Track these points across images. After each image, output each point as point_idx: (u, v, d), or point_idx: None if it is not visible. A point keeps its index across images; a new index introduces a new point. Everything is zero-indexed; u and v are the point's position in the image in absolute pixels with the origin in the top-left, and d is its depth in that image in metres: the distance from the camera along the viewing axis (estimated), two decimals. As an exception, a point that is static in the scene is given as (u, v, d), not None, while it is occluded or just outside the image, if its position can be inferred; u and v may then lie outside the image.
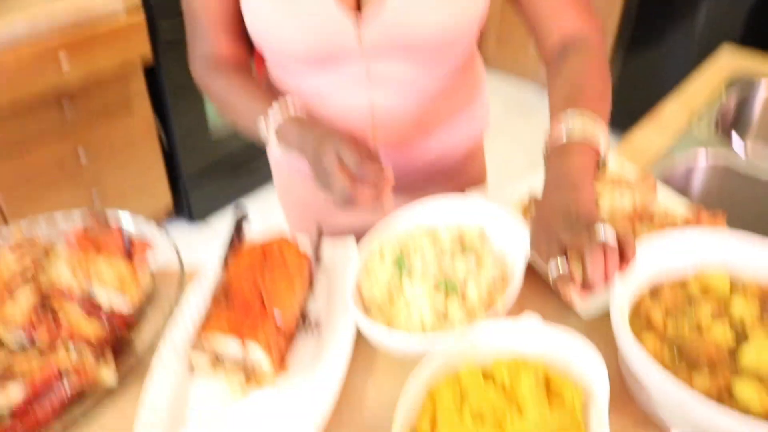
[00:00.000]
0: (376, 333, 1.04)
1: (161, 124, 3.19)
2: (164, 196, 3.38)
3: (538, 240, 1.01)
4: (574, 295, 1.16)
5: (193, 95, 3.17)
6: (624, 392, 1.07)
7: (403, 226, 1.25)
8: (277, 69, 1.35)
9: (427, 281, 1.11)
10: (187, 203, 3.47)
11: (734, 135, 1.93)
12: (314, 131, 1.15)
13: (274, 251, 1.16)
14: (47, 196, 2.84)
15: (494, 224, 1.23)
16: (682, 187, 1.71)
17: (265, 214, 3.60)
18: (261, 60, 1.42)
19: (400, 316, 1.08)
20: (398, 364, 1.10)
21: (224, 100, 1.32)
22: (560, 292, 1.19)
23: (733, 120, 2.03)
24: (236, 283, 1.10)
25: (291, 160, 1.49)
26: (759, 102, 2.03)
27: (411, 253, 1.18)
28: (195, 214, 3.51)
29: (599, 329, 1.17)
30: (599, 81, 1.19)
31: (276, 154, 1.27)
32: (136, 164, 3.14)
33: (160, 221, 3.53)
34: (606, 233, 0.92)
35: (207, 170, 3.45)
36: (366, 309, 1.13)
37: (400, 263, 1.16)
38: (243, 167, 3.64)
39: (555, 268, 0.94)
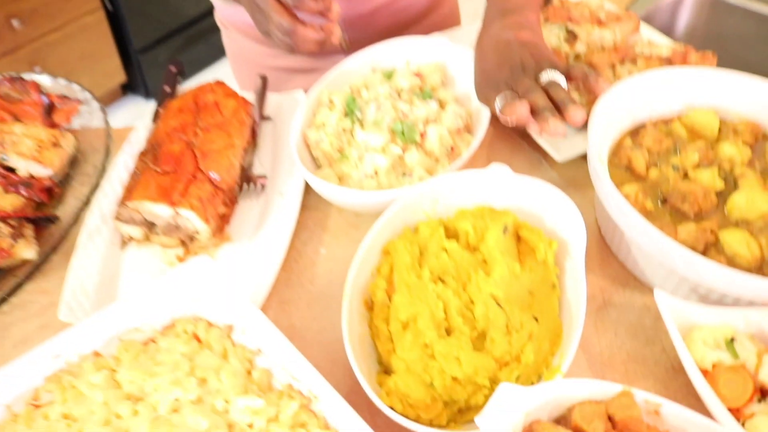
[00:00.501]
0: (325, 190, 0.92)
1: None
2: (116, 71, 3.17)
3: (482, 89, 0.98)
4: (545, 142, 1.05)
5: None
6: (603, 249, 0.98)
7: (357, 71, 1.11)
8: None
9: (382, 129, 0.99)
10: (141, 78, 3.26)
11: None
12: None
13: (208, 102, 1.02)
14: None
15: (458, 66, 1.10)
16: (667, 25, 1.58)
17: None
18: None
19: (352, 169, 0.96)
20: (353, 227, 0.99)
21: None
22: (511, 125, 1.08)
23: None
24: (166, 141, 0.96)
25: (235, 18, 1.33)
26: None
27: (364, 100, 1.04)
28: (151, 90, 3.31)
29: (575, 181, 1.06)
30: None
31: (218, 7, 1.14)
32: (80, 33, 2.89)
33: (114, 99, 3.33)
34: (552, 75, 0.91)
35: (160, 40, 3.22)
36: (316, 163, 1.01)
37: (351, 110, 1.02)
38: (200, 37, 3.41)
39: (501, 99, 0.90)
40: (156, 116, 1.10)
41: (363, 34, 1.31)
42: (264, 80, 1.13)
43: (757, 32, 1.52)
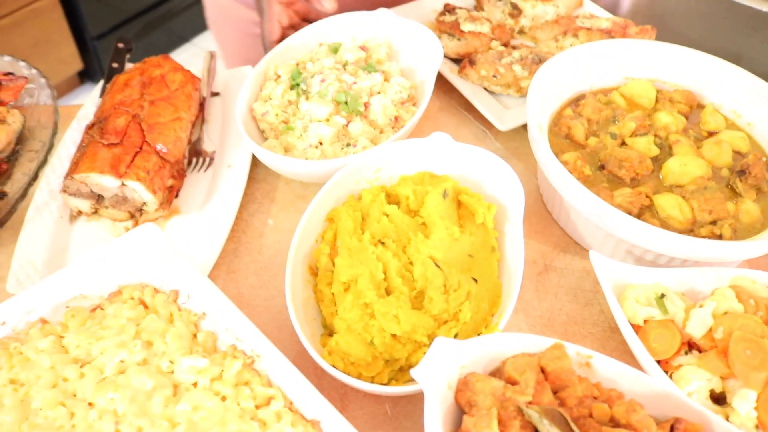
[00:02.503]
0: (270, 160, 0.93)
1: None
2: (72, 59, 3.12)
3: None
4: (488, 113, 1.08)
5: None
6: (545, 216, 1.01)
7: (303, 45, 1.12)
8: None
9: (327, 100, 1.00)
10: (99, 65, 3.22)
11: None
12: None
13: (155, 76, 1.02)
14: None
15: (403, 39, 1.12)
16: (612, 3, 1.61)
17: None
18: None
19: (297, 140, 0.98)
20: (300, 198, 1.01)
21: None
22: None
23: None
24: (112, 114, 0.97)
25: None
26: None
27: (310, 72, 1.06)
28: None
29: (519, 150, 1.09)
30: None
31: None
32: (33, 18, 2.84)
33: (72, 87, 3.29)
34: None
35: (117, 26, 3.18)
36: (263, 136, 1.03)
37: (296, 82, 1.04)
38: (158, 24, 3.38)
39: None
40: (103, 91, 1.10)
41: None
42: (212, 55, 1.14)
43: (698, 10, 1.56)
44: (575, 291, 0.91)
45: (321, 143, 0.96)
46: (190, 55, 3.52)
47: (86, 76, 3.33)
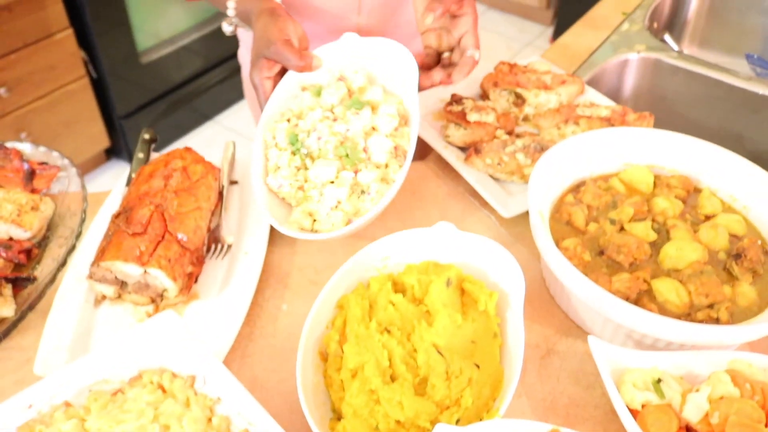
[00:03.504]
0: (295, 235, 1.00)
1: (85, 50, 2.99)
2: (100, 137, 3.24)
3: None
4: (493, 200, 1.13)
5: (116, 14, 2.97)
6: (548, 300, 1.05)
7: (288, 92, 1.16)
8: None
9: (330, 159, 1.05)
10: (125, 143, 3.34)
11: (667, 37, 1.89)
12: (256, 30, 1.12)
13: (177, 167, 1.09)
14: (-30, 140, 2.70)
15: (376, 59, 1.16)
16: (614, 87, 1.68)
17: (207, 150, 3.51)
18: None
19: (317, 205, 1.04)
20: (312, 283, 1.05)
21: None
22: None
23: (667, 22, 1.98)
24: (137, 204, 1.03)
25: None
26: (693, 3, 1.98)
27: (304, 131, 1.10)
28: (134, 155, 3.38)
29: (523, 235, 1.13)
30: None
31: (226, 29, 1.25)
32: (65, 100, 2.97)
33: (98, 164, 3.40)
34: None
35: (143, 106, 3.31)
36: (283, 201, 1.09)
37: (295, 147, 1.08)
38: (182, 103, 3.51)
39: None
40: (129, 181, 1.16)
41: None
42: (232, 146, 1.21)
43: (697, 92, 1.62)
44: (577, 374, 0.94)
45: (339, 202, 1.02)
46: (213, 132, 3.64)
47: (112, 153, 3.44)
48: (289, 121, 1.13)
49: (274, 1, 1.16)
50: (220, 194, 1.13)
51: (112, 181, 3.31)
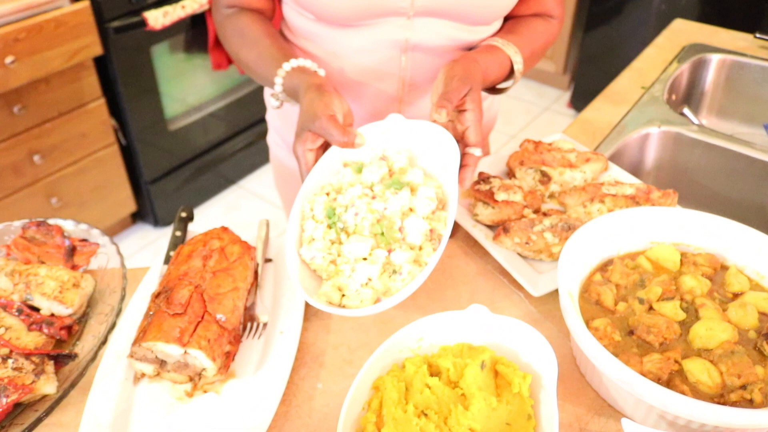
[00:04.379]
0: (322, 308, 1.01)
1: (116, 118, 3.10)
2: (127, 201, 3.32)
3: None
4: (522, 279, 1.15)
5: (146, 83, 3.09)
6: (579, 379, 1.06)
7: (329, 168, 1.18)
8: (304, 31, 1.37)
9: (364, 235, 1.07)
10: (151, 207, 3.41)
11: (686, 110, 1.93)
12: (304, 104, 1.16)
13: (215, 248, 1.12)
14: (2, 207, 2.77)
15: (419, 141, 1.18)
16: (636, 160, 1.71)
17: (231, 214, 3.57)
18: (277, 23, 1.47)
19: (348, 280, 1.05)
20: (347, 362, 1.07)
21: (243, 39, 1.34)
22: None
23: (685, 94, 2.02)
24: (177, 285, 1.06)
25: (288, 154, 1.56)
26: (710, 76, 2.03)
27: (342, 206, 1.12)
28: (159, 219, 3.46)
29: (552, 313, 1.15)
30: (544, 43, 1.39)
31: (273, 104, 1.29)
32: (95, 166, 3.06)
33: (124, 227, 3.47)
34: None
35: (170, 171, 3.39)
36: (315, 273, 1.10)
37: (332, 220, 1.10)
38: (207, 168, 3.59)
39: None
40: (167, 259, 1.20)
41: None
42: (266, 224, 1.25)
43: (718, 164, 1.65)
44: (611, 455, 0.95)
45: (370, 279, 1.04)
46: (236, 196, 3.71)
47: (138, 216, 3.52)
48: (328, 194, 1.15)
49: (322, 78, 1.20)
50: (256, 273, 1.17)
51: (139, 244, 3.39)
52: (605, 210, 1.26)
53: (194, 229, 1.29)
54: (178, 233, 1.26)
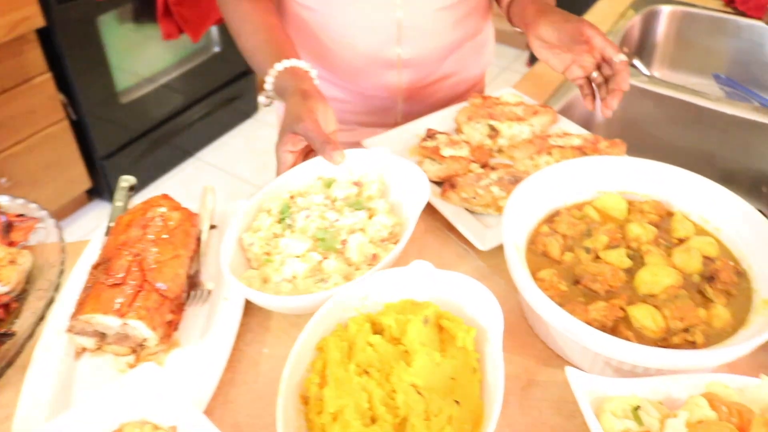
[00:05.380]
0: (247, 295, 0.99)
1: (64, 92, 3.01)
2: (81, 178, 3.24)
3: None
4: (469, 234, 1.14)
5: (94, 56, 3.01)
6: (527, 331, 1.05)
7: (302, 179, 1.19)
8: None
9: (306, 237, 1.07)
10: (107, 183, 3.34)
11: (637, 62, 1.92)
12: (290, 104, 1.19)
13: (155, 215, 1.09)
14: (-50, 189, 2.70)
15: (394, 175, 1.18)
16: (587, 113, 1.70)
17: (190, 187, 3.51)
18: None
19: (274, 272, 1.04)
20: (294, 326, 1.06)
21: (243, 26, 1.36)
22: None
23: (638, 46, 2.02)
24: (115, 255, 1.03)
25: None
26: (662, 27, 2.02)
27: (299, 207, 1.13)
28: (116, 194, 3.38)
29: (500, 267, 1.14)
30: None
31: (263, 101, 1.32)
32: (45, 143, 2.97)
33: (80, 205, 3.40)
34: None
35: (124, 146, 3.32)
36: (250, 264, 1.09)
37: (283, 215, 1.11)
38: (163, 141, 3.52)
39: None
40: (108, 230, 1.17)
41: (422, 105, 1.53)
42: (210, 190, 1.22)
43: (668, 114, 1.65)
44: (559, 403, 0.95)
45: (294, 277, 1.02)
46: (194, 169, 3.65)
47: (94, 193, 3.44)
48: (292, 197, 1.16)
49: (311, 81, 1.23)
50: (199, 240, 1.14)
51: (96, 222, 3.32)
52: (553, 162, 1.25)
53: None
54: (119, 203, 1.22)
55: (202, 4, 3.14)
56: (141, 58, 3.28)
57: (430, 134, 1.30)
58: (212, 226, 1.20)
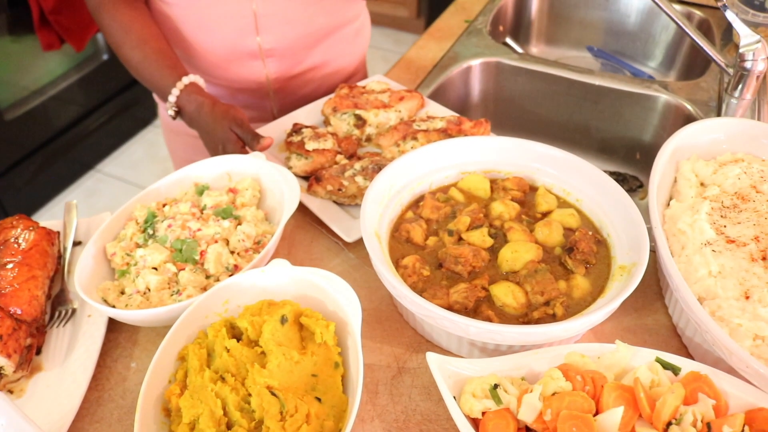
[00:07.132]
0: (99, 309, 0.97)
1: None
2: (-27, 200, 3.11)
3: None
4: (337, 228, 1.14)
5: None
6: (399, 319, 1.06)
7: (177, 184, 1.18)
8: None
9: (163, 248, 1.05)
10: (0, 204, 3.20)
11: (509, 40, 1.96)
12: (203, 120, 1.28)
13: (8, 238, 1.05)
14: None
15: (270, 181, 1.17)
16: (462, 93, 1.72)
17: (91, 201, 3.40)
18: None
19: (129, 284, 1.02)
20: (161, 336, 1.03)
21: (126, 36, 1.35)
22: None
23: (513, 24, 2.05)
24: (-35, 283, 0.99)
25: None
26: (534, 4, 2.06)
27: (165, 215, 1.10)
28: (10, 215, 3.25)
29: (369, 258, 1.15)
30: None
31: (171, 113, 1.34)
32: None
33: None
34: None
35: (15, 164, 3.18)
36: (114, 275, 1.07)
37: (147, 225, 1.09)
38: (58, 155, 3.39)
39: None
40: (-37, 258, 1.12)
41: (295, 97, 1.53)
42: (74, 207, 1.18)
43: (541, 89, 1.69)
44: (429, 389, 0.96)
45: (148, 289, 1.00)
46: (94, 182, 3.54)
47: (-11, 215, 3.30)
48: (165, 206, 1.14)
49: (207, 94, 1.31)
50: (60, 259, 1.10)
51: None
52: (418, 146, 1.26)
53: (49, 222, 1.20)
54: (-24, 229, 1.17)
55: (84, 12, 3.03)
56: (24, 71, 3.14)
57: (296, 129, 1.29)
58: (77, 243, 1.17)
